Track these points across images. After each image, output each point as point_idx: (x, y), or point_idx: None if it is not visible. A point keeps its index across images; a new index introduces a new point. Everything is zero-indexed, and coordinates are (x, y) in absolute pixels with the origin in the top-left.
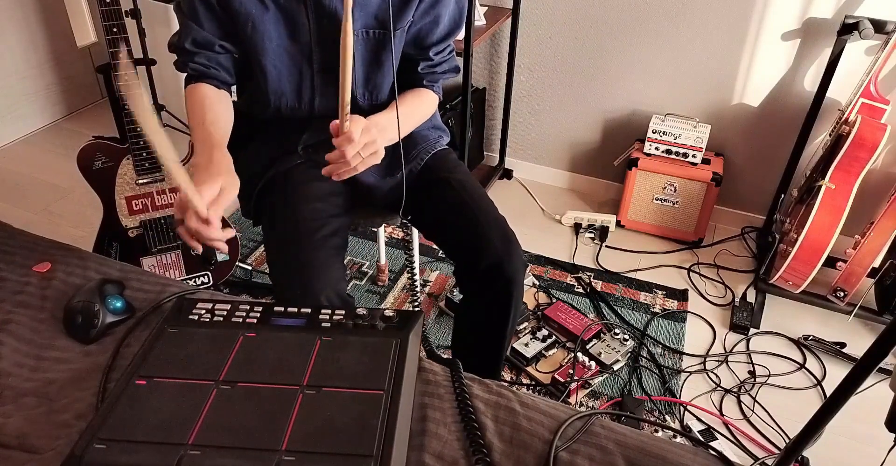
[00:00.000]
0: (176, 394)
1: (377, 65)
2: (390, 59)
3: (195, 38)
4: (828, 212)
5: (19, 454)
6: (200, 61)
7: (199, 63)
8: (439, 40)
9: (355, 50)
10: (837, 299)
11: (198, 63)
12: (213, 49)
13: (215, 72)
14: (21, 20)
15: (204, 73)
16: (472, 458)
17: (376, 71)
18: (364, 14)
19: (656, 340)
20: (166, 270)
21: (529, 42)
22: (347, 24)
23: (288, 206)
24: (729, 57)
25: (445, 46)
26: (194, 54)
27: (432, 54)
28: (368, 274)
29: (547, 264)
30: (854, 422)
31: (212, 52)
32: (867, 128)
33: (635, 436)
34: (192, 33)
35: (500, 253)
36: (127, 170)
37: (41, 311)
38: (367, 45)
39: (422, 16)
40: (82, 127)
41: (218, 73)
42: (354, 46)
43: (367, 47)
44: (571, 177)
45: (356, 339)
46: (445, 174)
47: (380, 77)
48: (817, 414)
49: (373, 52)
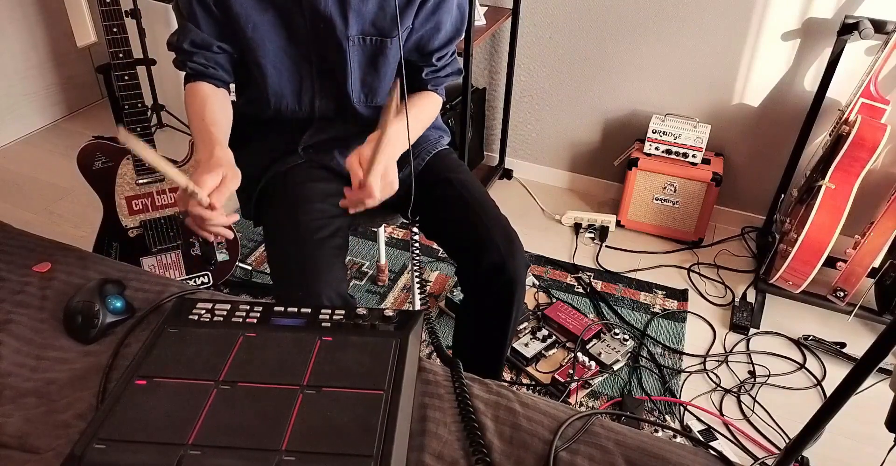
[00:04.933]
0: (176, 394)
1: (374, 70)
2: (388, 65)
3: (193, 40)
4: (828, 212)
5: (19, 454)
6: (199, 61)
7: (198, 62)
8: (441, 46)
9: (351, 56)
10: (837, 299)
11: (196, 62)
12: (211, 49)
13: (213, 71)
14: (21, 20)
15: (202, 73)
16: (472, 458)
17: (374, 76)
18: (359, 20)
19: (656, 340)
20: (166, 270)
21: (529, 42)
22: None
23: (288, 207)
24: (729, 57)
25: (448, 51)
26: (192, 54)
27: (435, 60)
28: (368, 274)
29: (547, 264)
30: (854, 422)
31: (210, 52)
32: (867, 128)
33: (635, 436)
34: (190, 34)
35: (502, 252)
36: (127, 170)
37: (41, 311)
38: (364, 51)
39: (423, 23)
40: (82, 127)
41: (216, 73)
42: (350, 52)
43: (364, 53)
44: (571, 177)
45: (356, 339)
46: (447, 174)
47: (377, 82)
48: (817, 414)
49: (370, 59)
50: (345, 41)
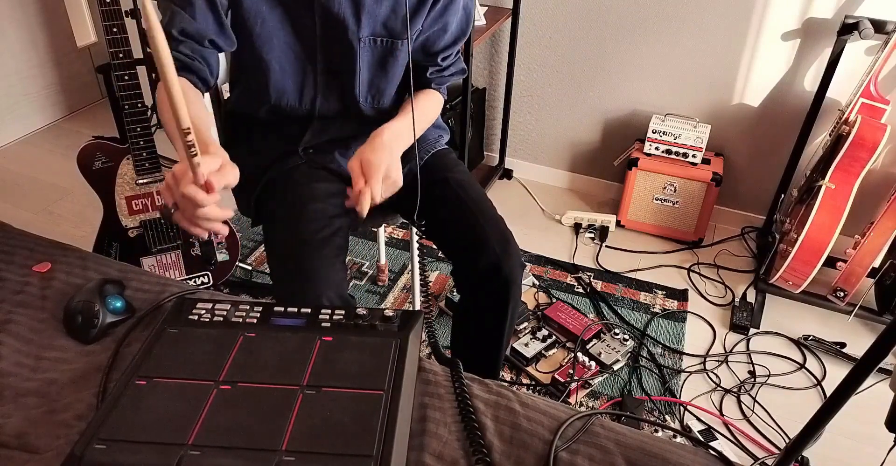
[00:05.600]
0: (176, 394)
1: (383, 72)
2: (397, 66)
3: (185, 28)
4: (828, 211)
5: (19, 454)
6: (185, 51)
7: (184, 53)
8: (447, 46)
9: (361, 57)
10: (837, 299)
11: (182, 52)
12: (202, 43)
13: (199, 65)
14: (21, 20)
15: (187, 65)
16: (472, 458)
17: (381, 78)
18: (372, 22)
19: (656, 340)
20: (166, 270)
21: (529, 42)
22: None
23: (288, 208)
24: (729, 57)
25: (454, 51)
26: (181, 42)
27: (440, 60)
28: (368, 274)
29: (547, 264)
30: (854, 422)
31: (200, 45)
32: (867, 128)
33: (635, 436)
34: (182, 23)
35: (497, 252)
36: (127, 170)
37: (41, 311)
38: (374, 52)
39: (431, 24)
40: (82, 127)
41: (200, 67)
42: (361, 53)
43: (374, 55)
44: (571, 177)
45: (356, 339)
46: (445, 173)
47: (384, 83)
48: (817, 414)
49: (379, 60)
50: (356, 42)
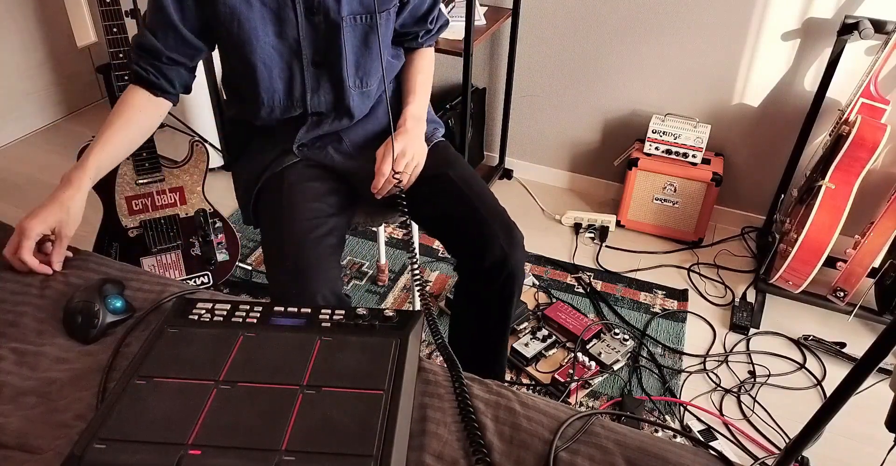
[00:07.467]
0: (176, 394)
1: (367, 50)
2: (377, 42)
3: (142, 43)
4: (828, 212)
5: (19, 454)
6: (143, 65)
7: (140, 66)
8: (432, 6)
9: (346, 38)
10: (837, 299)
11: (140, 66)
12: (160, 59)
13: (153, 79)
14: (21, 20)
15: (143, 78)
16: (472, 458)
17: (367, 57)
18: (349, 0)
19: (656, 340)
20: (166, 270)
21: (529, 42)
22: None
23: (284, 206)
24: (729, 57)
25: (437, 8)
26: (140, 57)
27: (429, 22)
28: (368, 274)
29: (547, 264)
30: (854, 422)
31: (158, 61)
32: (867, 128)
33: (635, 436)
34: (140, 38)
35: (504, 246)
36: (127, 170)
37: (41, 311)
38: (356, 31)
39: None
40: (82, 127)
41: (157, 81)
42: (345, 35)
43: (356, 34)
44: (571, 177)
45: (356, 339)
46: (445, 169)
47: (369, 62)
48: (817, 414)
49: (362, 38)
50: (340, 22)
